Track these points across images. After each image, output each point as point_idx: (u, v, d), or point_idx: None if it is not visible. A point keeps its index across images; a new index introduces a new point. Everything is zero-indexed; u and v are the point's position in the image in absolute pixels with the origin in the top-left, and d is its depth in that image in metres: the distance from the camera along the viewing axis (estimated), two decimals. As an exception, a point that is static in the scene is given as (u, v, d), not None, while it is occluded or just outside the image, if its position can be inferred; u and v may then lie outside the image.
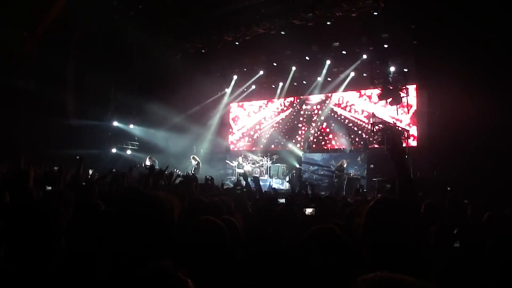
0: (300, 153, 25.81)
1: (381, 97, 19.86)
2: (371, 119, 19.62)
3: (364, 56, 22.89)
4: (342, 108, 26.36)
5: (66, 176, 7.94)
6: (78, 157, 7.83)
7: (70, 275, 2.77)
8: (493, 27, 16.50)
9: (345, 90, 25.70)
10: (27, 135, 18.56)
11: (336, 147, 25.85)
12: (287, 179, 23.63)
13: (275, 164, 25.41)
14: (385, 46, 21.22)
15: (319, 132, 27.10)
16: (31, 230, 2.73)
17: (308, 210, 5.14)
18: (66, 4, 20.01)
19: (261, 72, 27.45)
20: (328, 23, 21.01)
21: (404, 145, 19.02)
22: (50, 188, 6.36)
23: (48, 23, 20.60)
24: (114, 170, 10.15)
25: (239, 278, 3.37)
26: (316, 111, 27.43)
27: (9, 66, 20.00)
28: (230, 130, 31.17)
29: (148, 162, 23.05)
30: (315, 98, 27.42)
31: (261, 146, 28.86)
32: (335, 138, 26.17)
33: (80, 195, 5.61)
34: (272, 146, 28.53)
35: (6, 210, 4.16)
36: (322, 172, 23.40)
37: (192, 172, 20.80)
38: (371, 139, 20.23)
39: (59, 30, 20.91)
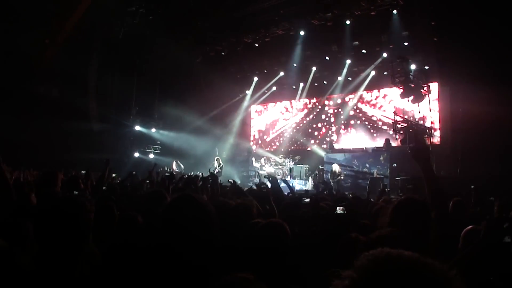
0: (323, 153, 25.72)
1: (402, 95, 19.71)
2: (393, 118, 19.51)
3: (385, 55, 22.77)
4: (363, 108, 26.25)
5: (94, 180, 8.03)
6: (105, 160, 7.88)
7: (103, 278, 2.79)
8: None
9: (366, 89, 25.61)
10: (50, 141, 18.74)
11: (358, 147, 25.72)
12: (310, 179, 23.59)
13: (298, 165, 25.32)
14: (405, 44, 21.12)
15: (341, 132, 27.01)
16: (59, 230, 2.74)
17: (339, 209, 5.11)
18: (86, 10, 20.17)
19: (282, 73, 27.43)
20: (347, 22, 20.97)
21: (427, 143, 18.89)
22: (76, 192, 6.41)
23: (69, 29, 20.80)
24: (134, 172, 10.19)
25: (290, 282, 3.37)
26: (337, 111, 27.35)
27: (32, 73, 20.25)
28: (252, 132, 31.19)
29: (174, 166, 23.20)
30: (336, 98, 27.33)
31: (283, 147, 28.86)
32: (357, 137, 26.06)
33: (102, 198, 5.65)
34: (294, 147, 28.49)
35: (32, 211, 4.20)
36: (344, 172, 23.28)
37: (215, 173, 20.82)
38: (396, 137, 20.05)
39: (80, 36, 21.13)
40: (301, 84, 27.75)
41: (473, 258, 3.17)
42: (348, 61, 24.59)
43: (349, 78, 25.65)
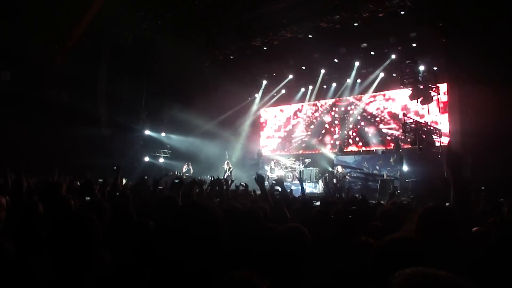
0: (332, 156, 25.72)
1: (411, 97, 19.70)
2: (402, 119, 19.49)
3: (393, 56, 22.79)
4: (373, 109, 26.22)
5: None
6: (115, 167, 7.88)
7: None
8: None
9: (375, 91, 25.58)
10: (60, 146, 18.81)
11: (368, 149, 25.70)
12: (321, 182, 23.58)
13: (308, 168, 25.30)
14: (414, 45, 21.10)
15: (350, 134, 26.99)
16: (70, 241, 2.77)
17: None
18: (95, 16, 20.27)
19: (290, 76, 27.47)
20: (355, 24, 20.95)
21: (437, 144, 18.88)
22: (88, 198, 6.44)
23: (78, 35, 20.90)
24: (146, 177, 10.20)
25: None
26: (346, 113, 27.34)
27: (42, 78, 20.35)
28: (261, 135, 31.22)
29: (185, 169, 23.31)
30: (345, 100, 27.31)
31: (293, 150, 28.87)
32: (367, 139, 26.03)
33: (117, 205, 5.68)
34: (304, 150, 28.48)
35: (40, 220, 4.24)
36: (354, 175, 23.28)
37: (224, 177, 20.86)
38: (407, 139, 20.03)
39: (89, 42, 21.22)
40: (310, 87, 27.80)
41: (487, 261, 3.18)
42: (357, 63, 24.59)
43: (358, 80, 25.67)
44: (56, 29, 20.23)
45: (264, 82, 28.83)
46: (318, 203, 9.10)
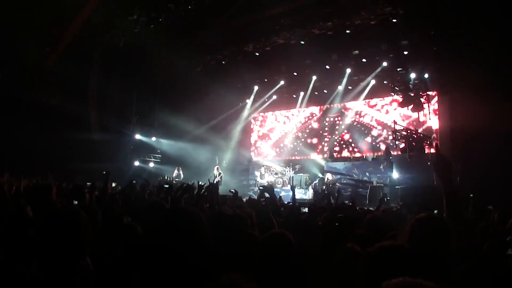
0: (323, 162, 25.76)
1: (402, 104, 19.77)
2: (392, 127, 19.54)
3: (384, 64, 22.85)
4: (363, 116, 26.27)
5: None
6: (104, 172, 7.87)
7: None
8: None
9: (366, 98, 25.62)
10: (50, 149, 18.74)
11: (358, 155, 25.74)
12: (310, 188, 23.59)
13: (298, 174, 25.30)
14: (405, 53, 21.17)
15: (340, 141, 27.02)
16: (59, 241, 2.75)
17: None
18: (87, 19, 20.24)
19: (282, 82, 27.51)
20: (347, 31, 21.05)
21: (427, 151, 18.94)
22: (76, 202, 6.41)
23: (70, 37, 20.86)
24: (134, 181, 10.19)
25: None
26: (337, 120, 27.37)
27: (32, 81, 20.28)
28: (252, 141, 31.20)
29: (175, 174, 23.29)
30: (336, 107, 27.32)
31: (283, 156, 28.86)
32: (357, 146, 26.08)
33: (107, 209, 5.66)
34: (294, 156, 28.49)
35: (29, 223, 4.21)
36: (344, 181, 23.30)
37: (214, 182, 20.82)
38: (398, 146, 20.09)
39: (81, 45, 21.18)
40: (301, 93, 27.79)
41: (477, 270, 3.19)
42: (348, 70, 24.65)
43: (349, 87, 25.69)
44: (47, 31, 20.18)
45: (256, 87, 28.83)
46: (306, 210, 9.11)
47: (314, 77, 26.15)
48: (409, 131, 19.45)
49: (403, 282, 1.43)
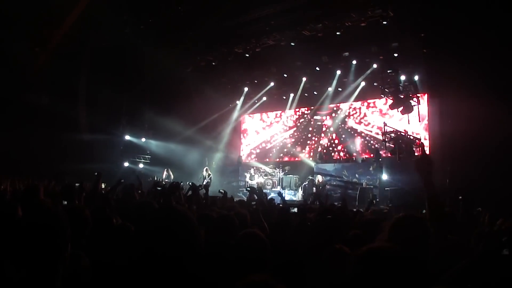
0: (312, 163, 25.77)
1: (392, 106, 19.81)
2: (382, 128, 19.59)
3: (374, 66, 22.89)
4: (353, 118, 26.34)
5: (87, 191, 8.02)
6: (96, 173, 7.86)
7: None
8: (505, 35, 16.44)
9: (356, 100, 25.67)
10: (40, 150, 18.67)
11: (348, 157, 25.78)
12: (300, 189, 23.60)
13: (287, 176, 25.33)
14: (395, 55, 21.25)
15: (330, 143, 27.06)
16: (35, 242, 2.73)
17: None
18: (77, 19, 20.15)
19: (272, 84, 27.48)
20: (337, 33, 21.04)
21: (416, 154, 18.99)
22: (66, 203, 6.39)
23: (60, 38, 20.76)
24: (122, 180, 10.15)
25: None
26: (327, 122, 27.42)
27: (22, 81, 20.17)
28: (242, 142, 31.21)
29: (164, 175, 23.23)
30: (326, 109, 27.35)
31: (273, 157, 28.87)
32: (347, 148, 26.13)
33: (97, 210, 5.65)
34: (284, 157, 28.51)
35: (18, 223, 4.18)
36: (334, 183, 23.33)
37: (203, 184, 20.78)
38: (387, 148, 20.13)
39: (70, 45, 21.08)
40: (291, 95, 27.80)
41: (471, 271, 3.19)
42: (338, 72, 24.66)
43: (339, 89, 25.70)
44: (38, 31, 20.08)
45: (246, 89, 28.76)
46: (295, 210, 9.11)
47: (304, 79, 26.16)
48: (398, 133, 19.48)
49: None
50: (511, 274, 2.93)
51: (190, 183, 8.28)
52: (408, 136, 19.89)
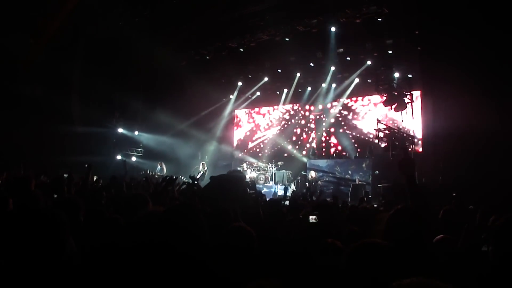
0: (305, 159, 25.80)
1: (385, 103, 19.82)
2: (375, 125, 19.61)
3: (369, 62, 22.91)
4: (346, 114, 26.35)
5: (77, 182, 7.97)
6: (87, 165, 7.80)
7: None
8: (499, 34, 16.46)
9: (349, 96, 25.71)
10: (33, 142, 18.59)
11: (341, 153, 25.79)
12: (293, 185, 23.60)
13: (280, 171, 25.33)
14: (390, 52, 21.25)
15: (323, 138, 27.09)
16: (36, 236, 2.72)
17: (312, 217, 5.08)
18: (71, 10, 20.07)
19: (266, 79, 27.47)
20: (332, 29, 21.06)
21: (409, 150, 19.03)
22: (56, 195, 6.35)
23: (54, 29, 20.67)
24: (115, 176, 10.12)
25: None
26: (320, 118, 27.43)
27: (15, 72, 20.06)
28: (235, 136, 31.20)
29: (158, 168, 23.20)
30: (319, 104, 27.35)
31: (266, 152, 28.86)
32: (340, 144, 26.16)
33: (89, 202, 5.63)
34: (277, 152, 28.48)
35: (9, 216, 4.16)
36: (327, 179, 23.36)
37: (198, 177, 20.74)
38: (378, 144, 20.15)
39: (64, 36, 20.99)
40: (285, 90, 27.81)
41: (452, 266, 3.22)
42: (332, 68, 24.66)
43: (333, 85, 25.73)
44: (31, 22, 19.98)
45: (240, 83, 28.76)
46: (287, 203, 9.12)
47: (298, 74, 26.18)
48: (391, 130, 19.51)
49: (416, 282, 1.43)
50: (487, 270, 2.96)
51: (192, 176, 8.20)
52: (401, 133, 19.93)
